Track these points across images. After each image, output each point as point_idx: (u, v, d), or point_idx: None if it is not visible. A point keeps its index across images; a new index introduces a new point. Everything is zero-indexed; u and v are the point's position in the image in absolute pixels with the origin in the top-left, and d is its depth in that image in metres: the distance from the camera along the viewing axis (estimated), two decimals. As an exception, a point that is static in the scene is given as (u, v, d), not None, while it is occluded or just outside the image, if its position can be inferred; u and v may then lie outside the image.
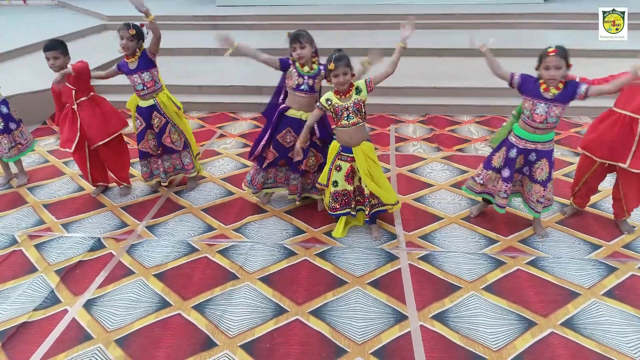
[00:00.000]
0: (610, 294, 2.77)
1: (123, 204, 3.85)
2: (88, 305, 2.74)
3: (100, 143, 3.63)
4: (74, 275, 3.00)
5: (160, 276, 2.98)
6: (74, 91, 3.52)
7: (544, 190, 3.11)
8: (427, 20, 9.42)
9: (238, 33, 9.26)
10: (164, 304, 2.74)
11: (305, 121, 3.31)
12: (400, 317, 2.62)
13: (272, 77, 3.65)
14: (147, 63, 3.57)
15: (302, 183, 3.56)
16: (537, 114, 2.93)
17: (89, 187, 4.08)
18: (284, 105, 3.39)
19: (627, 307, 2.66)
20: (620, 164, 3.12)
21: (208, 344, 2.46)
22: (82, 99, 3.56)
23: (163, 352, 2.42)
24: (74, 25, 9.70)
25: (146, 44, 3.57)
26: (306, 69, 3.27)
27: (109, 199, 3.92)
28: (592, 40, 5.33)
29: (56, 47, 3.43)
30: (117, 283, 2.93)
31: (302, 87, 3.27)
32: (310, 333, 2.52)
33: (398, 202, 3.34)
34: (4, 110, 3.98)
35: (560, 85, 2.86)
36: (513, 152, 3.10)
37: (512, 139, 3.11)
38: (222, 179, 4.22)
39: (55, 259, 3.16)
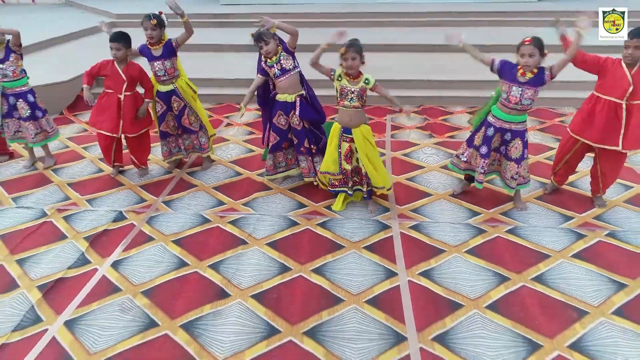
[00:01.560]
0: (577, 255, 3.12)
1: (141, 183, 4.20)
2: (115, 265, 3.10)
3: (131, 135, 4.01)
4: (100, 242, 3.36)
5: (178, 242, 3.34)
6: (125, 84, 3.88)
7: (518, 167, 3.46)
8: (425, 18, 9.79)
9: (241, 31, 9.63)
10: (183, 264, 3.10)
11: (291, 102, 3.69)
12: (391, 274, 2.97)
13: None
14: (170, 52, 3.95)
15: (312, 163, 3.89)
16: (512, 96, 3.28)
17: (108, 169, 4.43)
18: (274, 92, 3.78)
19: (591, 266, 3.01)
20: (614, 147, 3.38)
21: (222, 294, 2.82)
22: (128, 93, 3.93)
23: (183, 300, 2.78)
24: (83, 23, 10.06)
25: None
26: (274, 59, 3.64)
27: (128, 179, 4.27)
28: (595, 36, 5.66)
29: (119, 40, 3.80)
30: (139, 247, 3.29)
31: (276, 73, 3.65)
32: (312, 286, 2.88)
33: (390, 188, 3.69)
34: (31, 99, 4.32)
35: (535, 70, 3.21)
36: (491, 131, 3.46)
37: (491, 119, 3.46)
38: (230, 162, 4.57)
39: (83, 228, 3.52)
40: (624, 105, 3.28)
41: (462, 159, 3.69)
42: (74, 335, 2.55)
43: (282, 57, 3.65)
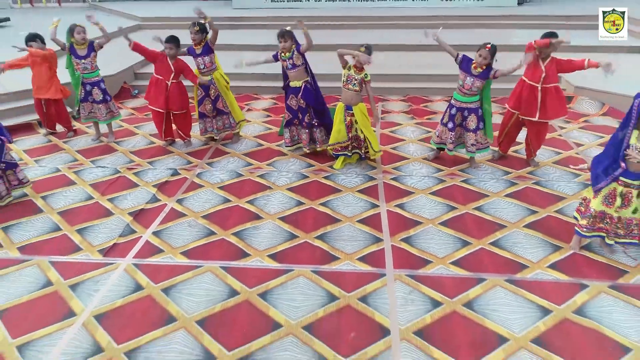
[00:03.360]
0: (508, 195, 4.38)
1: (186, 151, 5.46)
2: (179, 201, 4.36)
3: (176, 112, 5.27)
4: (165, 188, 4.62)
5: (222, 188, 4.59)
6: (172, 74, 5.12)
7: (475, 135, 4.71)
8: (415, 22, 11.02)
9: (252, 32, 10.89)
10: (227, 201, 4.36)
11: (299, 87, 4.90)
12: (375, 206, 4.23)
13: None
14: (207, 50, 5.20)
15: (309, 135, 5.12)
16: (466, 83, 4.54)
17: (159, 142, 5.68)
18: (287, 80, 5.01)
19: (516, 201, 4.27)
20: (531, 118, 4.67)
21: (258, 217, 4.08)
22: (174, 81, 5.17)
23: (231, 220, 4.04)
24: (111, 25, 11.28)
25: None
26: (287, 54, 4.85)
27: (176, 148, 5.53)
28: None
29: (171, 41, 5.05)
30: (195, 191, 4.54)
31: (289, 66, 4.88)
32: (320, 213, 4.14)
33: (380, 151, 4.94)
34: (102, 86, 5.59)
35: (484, 67, 4.46)
36: (453, 110, 4.72)
37: (453, 102, 4.72)
38: (253, 137, 5.83)
39: (149, 179, 4.78)
40: (539, 88, 4.51)
41: (437, 135, 4.95)
42: (161, 238, 3.82)
43: (294, 56, 4.87)
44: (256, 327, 2.94)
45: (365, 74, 4.63)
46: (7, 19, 11.60)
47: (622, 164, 3.19)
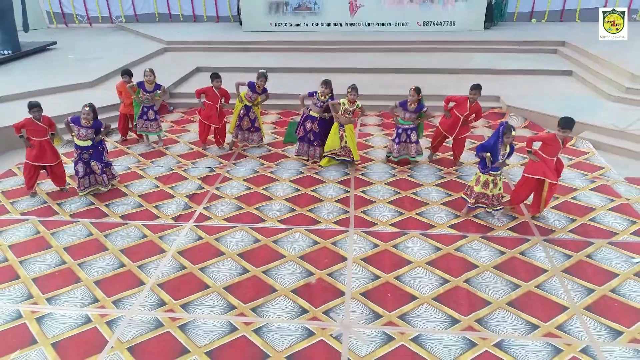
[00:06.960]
0: (439, 185, 6.56)
1: (217, 154, 7.65)
2: (217, 188, 6.55)
3: (216, 126, 7.48)
4: (206, 180, 6.81)
5: (245, 180, 6.79)
6: (219, 100, 7.33)
7: (416, 145, 6.92)
8: (393, 46, 13.20)
9: (260, 54, 13.06)
10: (249, 188, 6.55)
11: (315, 117, 7.07)
12: (347, 191, 6.41)
13: (289, 88, 7.42)
14: (263, 92, 7.44)
15: (316, 151, 7.31)
16: (406, 116, 6.76)
17: (196, 148, 7.88)
18: (309, 109, 7.18)
19: (441, 189, 6.45)
20: (449, 135, 6.87)
21: (270, 199, 6.26)
22: (218, 105, 7.37)
23: (252, 201, 6.22)
24: (143, 49, 13.42)
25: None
26: (322, 97, 7.03)
27: (210, 152, 7.72)
28: (512, 61, 9.15)
29: (218, 77, 7.26)
30: (226, 182, 6.74)
31: (317, 104, 7.05)
32: (311, 196, 6.32)
33: (359, 160, 7.14)
34: (155, 108, 7.81)
35: (416, 104, 6.67)
36: (400, 130, 6.92)
37: (399, 125, 6.91)
38: (266, 144, 8.03)
39: (194, 174, 6.97)
40: (461, 118, 6.72)
41: (389, 148, 7.16)
42: (209, 211, 6.01)
43: (325, 102, 7.02)
44: (272, 258, 5.13)
45: (358, 104, 6.80)
46: (55, 43, 13.75)
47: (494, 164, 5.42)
